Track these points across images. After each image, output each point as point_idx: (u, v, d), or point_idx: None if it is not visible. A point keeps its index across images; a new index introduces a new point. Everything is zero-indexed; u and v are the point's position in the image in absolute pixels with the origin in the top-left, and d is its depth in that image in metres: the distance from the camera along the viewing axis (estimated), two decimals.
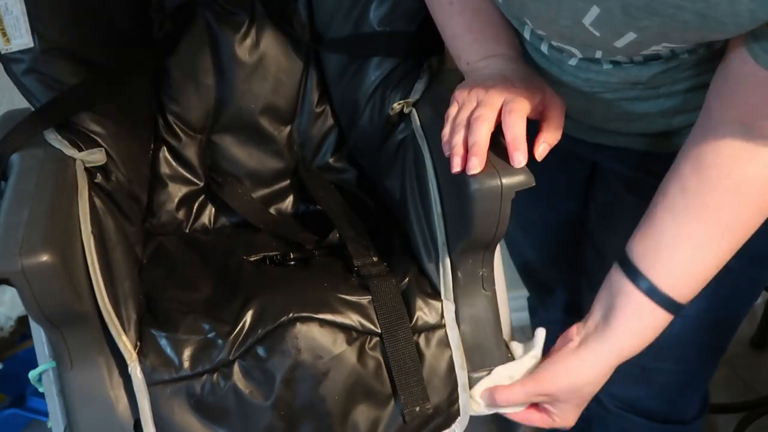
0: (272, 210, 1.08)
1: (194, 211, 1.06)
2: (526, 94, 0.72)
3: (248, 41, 1.05)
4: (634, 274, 0.74)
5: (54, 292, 0.70)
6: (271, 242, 0.99)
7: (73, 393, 0.79)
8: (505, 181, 0.72)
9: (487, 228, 0.76)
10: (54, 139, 0.86)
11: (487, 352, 0.86)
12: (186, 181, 1.06)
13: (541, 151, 0.72)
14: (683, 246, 0.70)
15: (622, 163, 0.90)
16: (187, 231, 1.05)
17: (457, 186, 0.76)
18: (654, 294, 0.73)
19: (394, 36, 0.96)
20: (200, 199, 1.07)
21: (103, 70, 0.92)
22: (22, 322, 1.60)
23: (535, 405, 0.82)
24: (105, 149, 0.89)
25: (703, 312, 0.90)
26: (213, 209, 1.07)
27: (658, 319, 0.74)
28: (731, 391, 1.56)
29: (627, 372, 0.97)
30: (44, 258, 0.68)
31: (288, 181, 1.09)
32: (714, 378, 1.55)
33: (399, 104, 0.92)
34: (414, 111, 0.92)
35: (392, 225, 0.98)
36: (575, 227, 1.10)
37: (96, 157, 0.87)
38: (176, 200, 1.05)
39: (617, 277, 0.76)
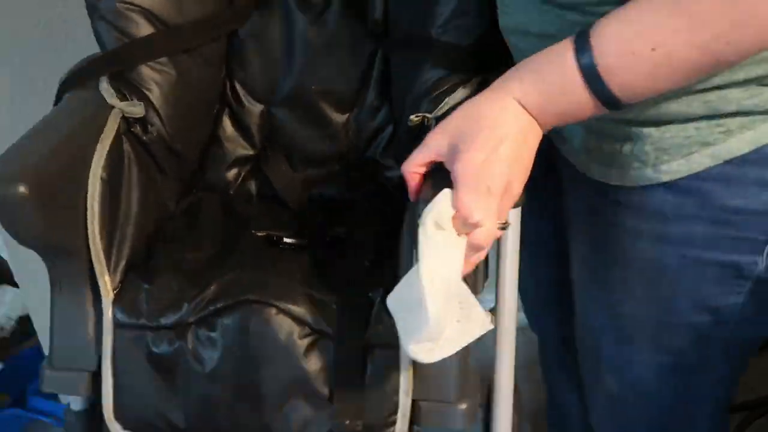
0: (314, 191, 1.10)
1: (242, 176, 1.11)
2: None
3: (320, 23, 1.06)
4: (578, 34, 0.66)
5: (27, 223, 0.77)
6: (287, 222, 1.02)
7: (57, 316, 0.87)
8: None
9: None
10: (104, 87, 0.93)
11: (442, 383, 0.83)
12: (241, 147, 1.11)
13: None
14: (634, 15, 0.63)
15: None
16: (231, 192, 1.10)
17: None
18: (582, 48, 0.64)
19: (447, 46, 0.93)
20: (250, 165, 1.11)
21: (171, 28, 0.98)
22: (22, 322, 1.63)
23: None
24: (152, 104, 0.96)
25: None
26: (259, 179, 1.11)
27: (569, 67, 0.65)
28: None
29: None
30: (19, 189, 0.74)
31: (336, 167, 1.11)
32: None
33: (417, 117, 0.89)
34: (434, 125, 0.89)
35: None
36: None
37: (135, 109, 0.93)
38: (228, 162, 1.10)
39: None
